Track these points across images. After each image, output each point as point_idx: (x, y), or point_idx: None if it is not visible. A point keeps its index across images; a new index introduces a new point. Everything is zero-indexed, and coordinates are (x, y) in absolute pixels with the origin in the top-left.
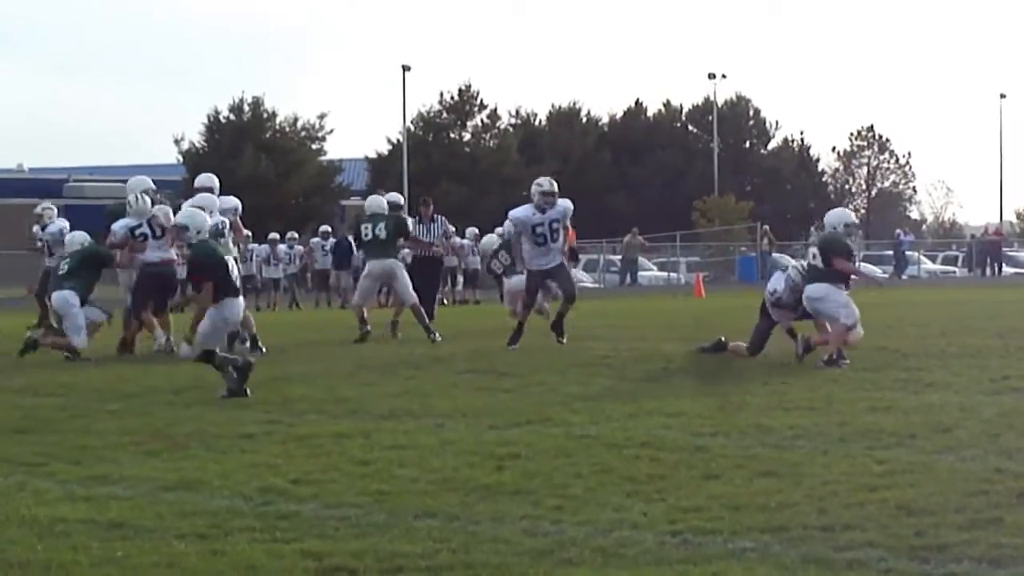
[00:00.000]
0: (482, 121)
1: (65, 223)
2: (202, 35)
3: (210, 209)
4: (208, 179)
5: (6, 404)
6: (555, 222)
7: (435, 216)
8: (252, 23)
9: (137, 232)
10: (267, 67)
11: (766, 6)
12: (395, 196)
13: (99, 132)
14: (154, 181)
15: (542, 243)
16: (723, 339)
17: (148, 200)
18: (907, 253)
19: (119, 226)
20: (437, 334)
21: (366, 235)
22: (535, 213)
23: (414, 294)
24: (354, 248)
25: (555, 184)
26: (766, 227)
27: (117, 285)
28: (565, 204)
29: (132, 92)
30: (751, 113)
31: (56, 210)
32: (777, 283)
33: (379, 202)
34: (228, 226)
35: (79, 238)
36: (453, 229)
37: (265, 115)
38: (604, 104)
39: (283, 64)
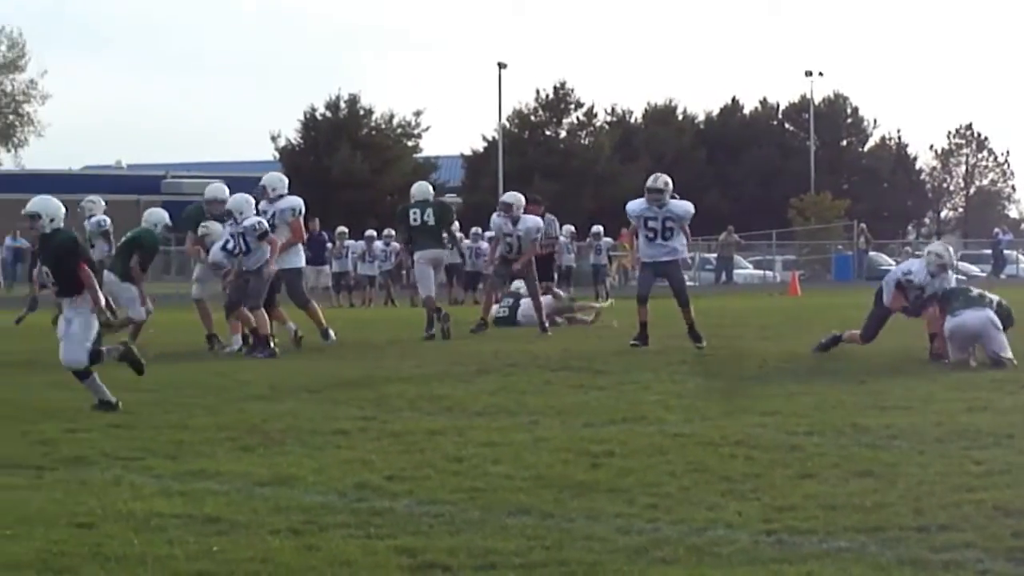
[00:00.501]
0: (577, 119)
1: (105, 217)
2: (300, 32)
3: (239, 209)
4: (271, 179)
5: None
6: (669, 220)
7: (544, 215)
8: (350, 20)
9: (231, 247)
10: (364, 64)
11: (864, 3)
12: (515, 196)
13: (197, 129)
14: (250, 178)
15: (652, 237)
16: (836, 333)
17: (216, 224)
18: (1006, 252)
19: (217, 253)
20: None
21: (415, 220)
22: (650, 207)
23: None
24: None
25: (662, 180)
26: (863, 225)
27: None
28: (684, 206)
29: (230, 89)
30: (848, 111)
31: (102, 203)
32: (912, 264)
33: (425, 188)
34: (267, 226)
35: (155, 217)
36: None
37: (361, 112)
38: (700, 102)
39: (380, 61)
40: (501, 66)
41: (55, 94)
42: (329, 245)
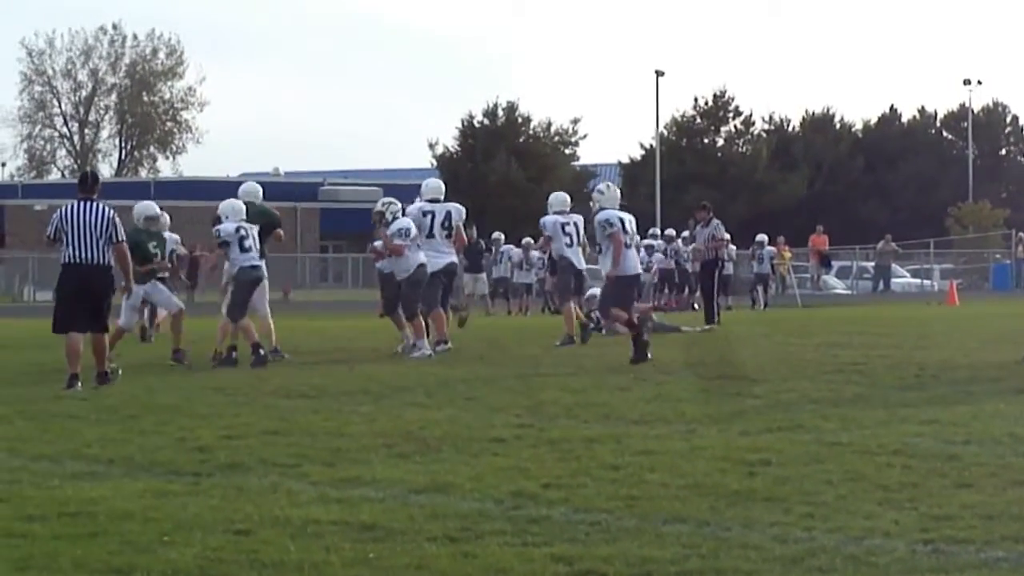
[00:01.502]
0: (735, 127)
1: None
2: (458, 40)
3: (224, 214)
4: (426, 184)
5: (261, 406)
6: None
7: (711, 220)
8: (507, 28)
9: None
10: (522, 72)
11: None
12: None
13: (354, 136)
14: (407, 186)
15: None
16: None
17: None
18: None
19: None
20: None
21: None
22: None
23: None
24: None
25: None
26: (1021, 234)
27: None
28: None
29: (387, 97)
30: (1008, 120)
31: (148, 213)
32: None
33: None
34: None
35: (136, 210)
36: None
37: (519, 119)
38: (858, 110)
39: (538, 69)
40: (659, 74)
41: (213, 101)
42: (486, 253)
